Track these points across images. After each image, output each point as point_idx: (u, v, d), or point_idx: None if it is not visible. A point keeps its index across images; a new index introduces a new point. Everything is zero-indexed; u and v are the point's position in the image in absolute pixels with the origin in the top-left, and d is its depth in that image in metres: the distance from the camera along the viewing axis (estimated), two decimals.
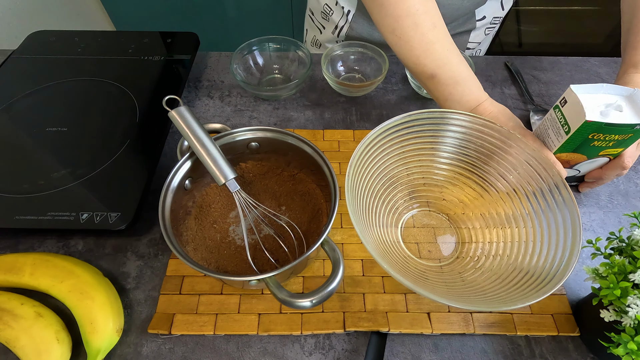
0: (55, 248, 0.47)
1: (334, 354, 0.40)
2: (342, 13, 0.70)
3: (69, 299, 0.40)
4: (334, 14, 0.72)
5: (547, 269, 0.37)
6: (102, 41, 0.68)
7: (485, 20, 0.71)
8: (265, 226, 0.46)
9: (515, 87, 0.65)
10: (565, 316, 0.42)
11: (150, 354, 0.40)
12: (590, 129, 0.39)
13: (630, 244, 0.36)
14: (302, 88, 0.65)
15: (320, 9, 0.74)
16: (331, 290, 0.33)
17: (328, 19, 0.73)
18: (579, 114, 0.39)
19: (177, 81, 0.62)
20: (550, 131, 0.45)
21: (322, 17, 0.75)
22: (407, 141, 0.47)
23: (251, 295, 0.43)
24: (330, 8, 0.71)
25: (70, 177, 0.49)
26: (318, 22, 0.77)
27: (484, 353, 0.40)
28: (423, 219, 0.49)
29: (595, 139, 0.41)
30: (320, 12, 0.74)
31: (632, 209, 0.51)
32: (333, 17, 0.72)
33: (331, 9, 0.71)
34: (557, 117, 0.43)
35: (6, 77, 0.62)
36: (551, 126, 0.44)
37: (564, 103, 0.42)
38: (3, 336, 0.37)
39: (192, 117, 0.42)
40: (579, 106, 0.39)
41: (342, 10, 0.70)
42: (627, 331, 0.32)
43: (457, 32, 0.71)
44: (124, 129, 0.55)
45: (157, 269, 0.45)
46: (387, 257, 0.41)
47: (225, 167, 0.41)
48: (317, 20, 0.77)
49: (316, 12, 0.76)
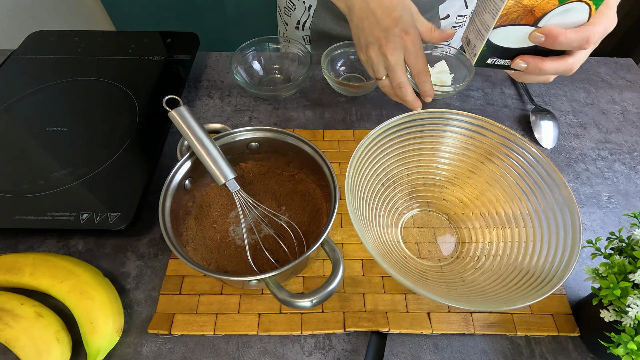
0: (55, 248, 0.47)
1: (334, 354, 0.40)
2: (304, 8, 0.70)
3: (69, 299, 0.40)
4: (297, 10, 0.72)
5: (547, 269, 0.37)
6: (102, 41, 0.68)
7: (450, 20, 0.70)
8: (265, 226, 0.46)
9: (515, 87, 0.65)
10: (565, 316, 0.42)
11: (150, 354, 0.40)
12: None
13: (630, 244, 0.36)
14: (302, 88, 0.65)
15: (284, 4, 0.74)
16: (331, 290, 0.33)
17: (290, 14, 0.74)
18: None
19: (177, 81, 0.62)
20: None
21: (285, 13, 0.75)
22: (407, 141, 0.47)
23: (251, 295, 0.43)
24: (293, 3, 0.72)
25: (70, 177, 0.49)
26: (283, 18, 0.77)
27: (484, 353, 0.40)
28: (423, 219, 0.49)
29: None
30: (284, 7, 0.75)
31: (632, 209, 0.51)
32: (295, 13, 0.73)
33: (294, 5, 0.72)
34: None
35: (6, 77, 0.62)
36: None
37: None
38: (3, 336, 0.37)
39: (192, 117, 0.42)
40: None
41: (304, 5, 0.70)
42: (627, 331, 0.32)
43: None
44: (124, 129, 0.55)
45: (157, 269, 0.45)
46: (387, 257, 0.41)
47: (225, 167, 0.41)
48: (283, 16, 0.78)
49: (281, 8, 0.77)
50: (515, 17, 0.34)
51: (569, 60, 0.37)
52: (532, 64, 0.38)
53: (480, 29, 0.38)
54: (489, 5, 0.36)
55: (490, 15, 0.36)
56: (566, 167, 0.55)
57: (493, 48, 0.38)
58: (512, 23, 0.35)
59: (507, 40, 0.37)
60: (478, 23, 0.39)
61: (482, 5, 0.38)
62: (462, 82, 0.60)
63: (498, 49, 0.38)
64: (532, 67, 0.38)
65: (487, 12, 0.37)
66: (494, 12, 0.35)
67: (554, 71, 0.38)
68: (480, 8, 0.38)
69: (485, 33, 0.37)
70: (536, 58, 0.37)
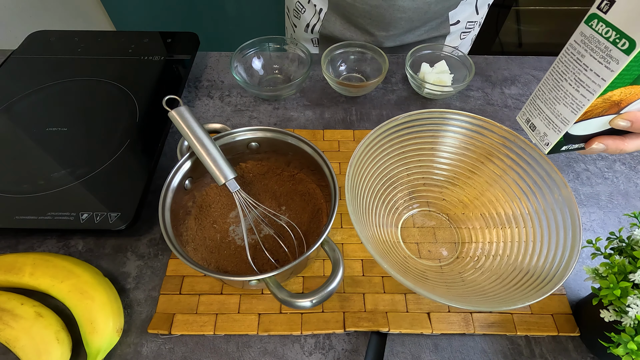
0: (55, 248, 0.47)
1: (334, 354, 0.40)
2: (315, 11, 0.70)
3: (69, 299, 0.40)
4: (306, 12, 0.72)
5: (547, 269, 0.37)
6: (102, 41, 0.68)
7: (460, 25, 0.71)
8: (265, 226, 0.46)
9: (515, 87, 0.65)
10: (565, 316, 0.42)
11: (150, 354, 0.40)
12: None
13: (630, 244, 0.36)
14: (302, 88, 0.65)
15: (292, 6, 0.74)
16: (331, 290, 0.33)
17: (299, 17, 0.73)
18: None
19: (177, 81, 0.62)
20: (587, 61, 0.28)
21: (294, 15, 0.75)
22: (407, 141, 0.47)
23: (251, 295, 0.43)
24: (303, 6, 0.72)
25: (70, 177, 0.49)
26: (291, 20, 0.77)
27: (484, 353, 0.40)
28: (423, 219, 0.49)
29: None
30: (292, 9, 0.75)
31: (632, 209, 0.51)
32: (305, 15, 0.73)
33: (303, 7, 0.72)
34: (599, 32, 0.27)
35: (6, 77, 0.62)
36: (587, 52, 0.29)
37: (608, 5, 0.26)
38: (3, 336, 0.37)
39: (192, 117, 0.42)
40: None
41: (315, 9, 0.70)
42: (627, 331, 0.32)
43: (431, 36, 0.71)
44: (124, 129, 0.55)
45: (157, 269, 0.45)
46: (387, 257, 0.41)
47: (225, 167, 0.41)
48: (291, 18, 0.77)
49: (290, 10, 0.76)
50: (600, 111, 0.31)
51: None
52: (613, 147, 0.35)
53: (554, 120, 0.33)
54: (564, 97, 0.32)
55: (568, 109, 0.32)
56: (566, 167, 0.55)
57: (570, 137, 0.34)
58: (595, 116, 0.32)
59: (587, 129, 0.33)
60: (548, 112, 0.34)
61: (552, 94, 0.33)
62: (462, 82, 0.60)
63: (575, 138, 0.34)
64: (613, 149, 0.35)
65: (561, 104, 0.32)
66: (573, 107, 0.31)
67: (635, 149, 0.35)
68: (549, 96, 0.34)
69: (563, 126, 0.33)
70: (616, 139, 0.34)
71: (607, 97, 0.29)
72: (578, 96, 0.30)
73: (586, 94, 0.29)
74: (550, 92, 0.33)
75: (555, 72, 0.32)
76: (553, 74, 0.32)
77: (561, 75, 0.31)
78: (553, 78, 0.32)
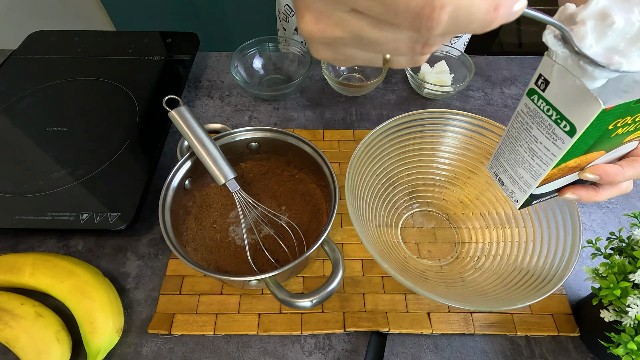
0: (55, 248, 0.47)
1: (334, 354, 0.40)
2: None
3: (69, 299, 0.40)
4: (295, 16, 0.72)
5: (547, 269, 0.37)
6: (102, 41, 0.68)
7: None
8: (265, 226, 0.46)
9: (515, 87, 0.65)
10: (565, 316, 0.42)
11: (150, 354, 0.40)
12: (611, 117, 0.23)
13: (630, 244, 0.36)
14: (302, 88, 0.65)
15: (282, 9, 0.74)
16: (331, 290, 0.33)
17: (288, 20, 0.73)
18: (584, 99, 0.22)
19: (177, 81, 0.62)
20: (536, 133, 0.27)
21: (282, 18, 0.75)
22: (407, 141, 0.47)
23: (251, 295, 0.43)
24: (291, 9, 0.71)
25: (70, 177, 0.49)
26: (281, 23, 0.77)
27: (484, 353, 0.40)
28: (423, 219, 0.49)
29: (619, 126, 0.24)
30: (282, 12, 0.75)
31: (632, 209, 0.51)
32: (293, 19, 0.73)
33: (292, 10, 0.71)
34: (541, 108, 0.25)
35: (6, 77, 0.62)
36: (534, 125, 0.27)
37: (544, 84, 0.25)
38: (3, 336, 0.37)
39: (192, 117, 0.42)
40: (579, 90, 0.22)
41: None
42: (627, 331, 0.32)
43: None
44: (124, 129, 0.55)
45: (157, 269, 0.45)
46: (387, 257, 0.41)
47: (225, 167, 0.41)
48: (281, 21, 0.77)
49: (280, 13, 0.76)
50: (560, 175, 0.29)
51: (623, 186, 0.32)
52: (586, 197, 0.33)
53: (517, 181, 0.31)
54: (522, 161, 0.29)
55: (528, 175, 0.29)
56: None
57: (539, 195, 0.32)
58: (559, 178, 0.29)
59: (554, 186, 0.31)
60: (511, 172, 0.31)
61: (511, 156, 0.30)
62: (462, 82, 0.60)
63: (545, 194, 0.32)
64: (586, 200, 0.33)
65: (521, 168, 0.30)
66: (532, 174, 0.29)
67: (608, 198, 0.33)
68: (509, 157, 0.31)
69: (527, 188, 0.30)
70: (589, 190, 0.32)
71: (563, 166, 0.27)
72: (534, 164, 0.28)
73: (541, 164, 0.28)
74: (510, 155, 0.30)
75: (511, 136, 0.30)
76: (509, 136, 0.30)
77: (516, 140, 0.29)
78: (509, 141, 0.30)
